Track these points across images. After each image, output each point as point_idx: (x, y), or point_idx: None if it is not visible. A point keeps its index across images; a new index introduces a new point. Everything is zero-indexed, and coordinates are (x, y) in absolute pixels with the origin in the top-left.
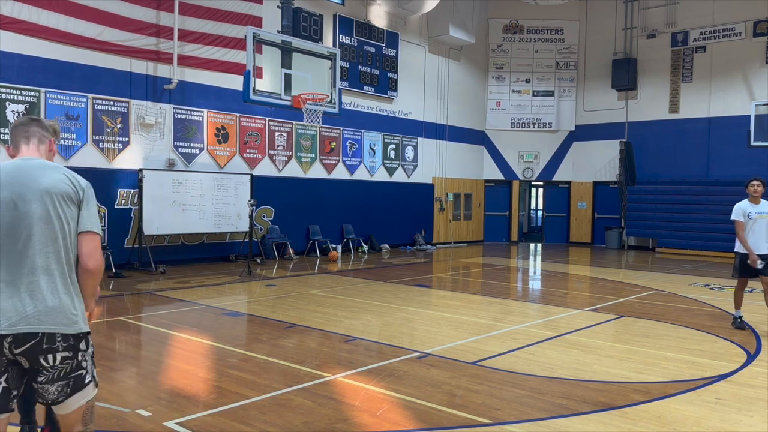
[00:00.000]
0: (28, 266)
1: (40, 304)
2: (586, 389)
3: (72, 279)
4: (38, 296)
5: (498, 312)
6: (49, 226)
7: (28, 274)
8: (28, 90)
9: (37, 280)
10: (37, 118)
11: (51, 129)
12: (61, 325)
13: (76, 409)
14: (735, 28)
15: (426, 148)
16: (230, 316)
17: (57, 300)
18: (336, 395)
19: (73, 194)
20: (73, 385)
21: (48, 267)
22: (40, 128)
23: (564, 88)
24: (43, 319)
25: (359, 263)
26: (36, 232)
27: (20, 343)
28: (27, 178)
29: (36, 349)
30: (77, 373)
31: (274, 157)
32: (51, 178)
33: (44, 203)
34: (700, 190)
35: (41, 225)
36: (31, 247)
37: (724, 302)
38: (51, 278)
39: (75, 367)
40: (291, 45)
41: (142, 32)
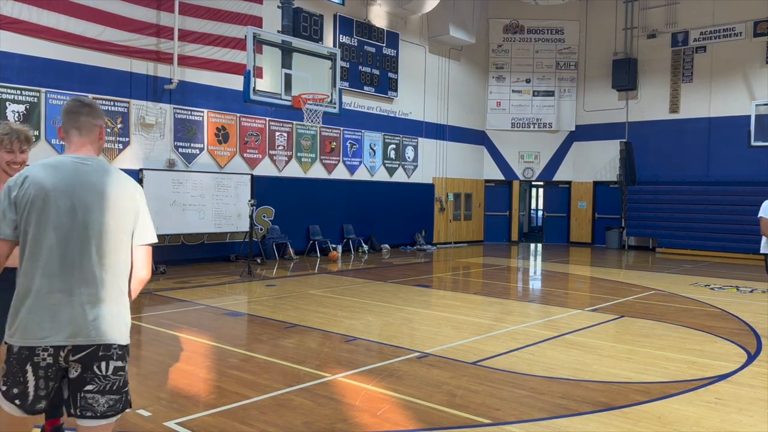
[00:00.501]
0: (87, 276)
1: (98, 315)
2: (587, 389)
3: (125, 290)
4: (96, 307)
5: (498, 312)
6: (110, 238)
7: (87, 285)
8: (29, 90)
9: (95, 292)
10: (88, 103)
11: (100, 115)
12: (117, 336)
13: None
14: (735, 28)
15: (426, 148)
16: (230, 316)
17: (113, 311)
18: (336, 395)
19: (132, 205)
20: (123, 402)
21: (105, 278)
22: (90, 116)
23: (564, 88)
24: (100, 331)
25: (359, 263)
26: (96, 243)
27: (77, 351)
28: (88, 185)
29: (93, 356)
30: (126, 389)
31: (274, 157)
32: (113, 188)
33: (106, 214)
34: (700, 190)
35: (102, 236)
36: (91, 256)
37: (724, 302)
38: (108, 289)
39: (123, 383)
40: (291, 45)
41: (142, 32)
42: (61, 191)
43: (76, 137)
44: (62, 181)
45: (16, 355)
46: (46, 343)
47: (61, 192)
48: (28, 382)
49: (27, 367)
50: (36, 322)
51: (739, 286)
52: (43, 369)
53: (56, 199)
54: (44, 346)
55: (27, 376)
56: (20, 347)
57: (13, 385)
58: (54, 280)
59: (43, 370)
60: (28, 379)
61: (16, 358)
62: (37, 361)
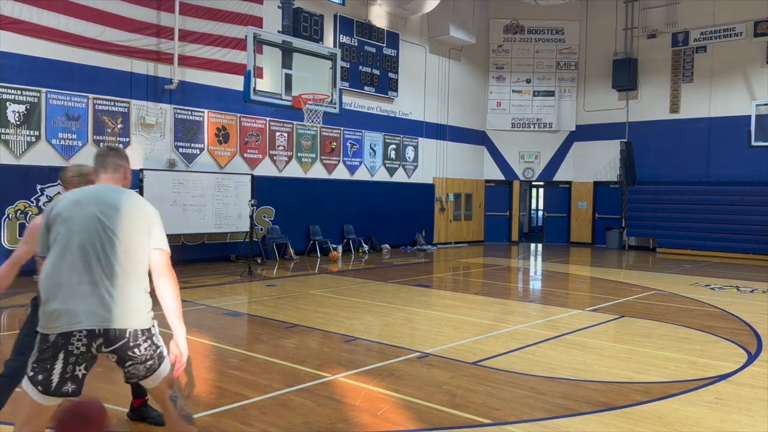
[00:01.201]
0: (112, 271)
1: (122, 303)
2: (587, 389)
3: (143, 284)
4: (120, 297)
5: (498, 312)
6: (128, 240)
7: (112, 278)
8: (29, 90)
9: (120, 283)
10: (115, 148)
11: (126, 158)
12: (140, 322)
13: (164, 378)
14: (736, 28)
15: (426, 148)
16: (231, 316)
17: (135, 300)
18: (336, 395)
19: (146, 217)
20: (158, 360)
21: (127, 272)
22: (116, 158)
23: (564, 88)
24: (125, 317)
25: (360, 263)
26: (119, 244)
27: (110, 343)
28: (110, 199)
29: (125, 347)
30: (158, 351)
31: (274, 157)
32: (128, 202)
33: (125, 222)
34: (700, 190)
35: (123, 239)
36: (115, 255)
37: (724, 302)
38: (129, 282)
39: (155, 348)
40: (291, 45)
41: (142, 32)
42: (86, 204)
43: (102, 174)
44: (86, 198)
45: (52, 343)
46: (80, 326)
47: (86, 204)
48: (54, 369)
49: (60, 354)
50: (68, 309)
51: (739, 286)
52: (74, 356)
53: (82, 209)
54: (78, 331)
55: (56, 363)
56: (57, 335)
57: (40, 371)
58: (82, 274)
59: (74, 357)
60: (55, 365)
61: (51, 346)
62: (71, 349)
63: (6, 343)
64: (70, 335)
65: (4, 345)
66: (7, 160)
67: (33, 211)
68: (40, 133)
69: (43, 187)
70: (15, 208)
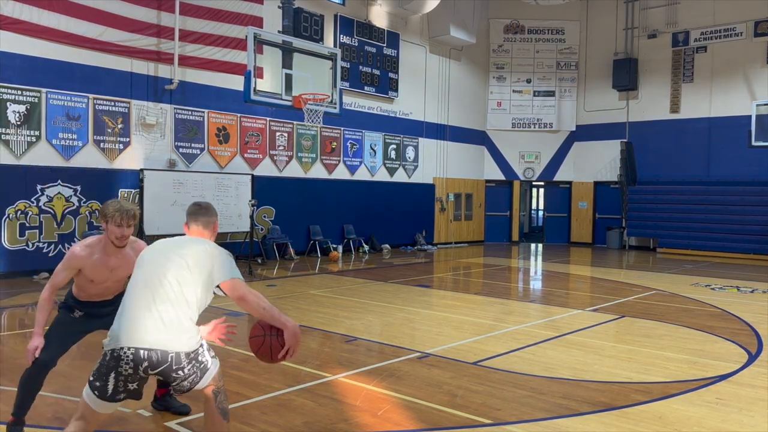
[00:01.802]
0: (163, 301)
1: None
2: (587, 389)
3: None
4: (166, 324)
5: (499, 312)
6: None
7: (162, 305)
8: (29, 90)
9: (167, 309)
10: (206, 206)
11: (214, 213)
12: (181, 346)
13: (209, 382)
14: (736, 28)
15: (427, 149)
16: (231, 316)
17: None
18: (337, 395)
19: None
20: (200, 373)
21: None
22: (207, 216)
23: (565, 88)
24: (168, 342)
25: (360, 263)
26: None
27: (155, 366)
28: (184, 242)
29: (168, 369)
30: (202, 366)
31: (274, 157)
32: (198, 245)
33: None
34: (700, 190)
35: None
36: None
37: (725, 302)
38: (176, 310)
39: (199, 365)
40: (292, 45)
41: (142, 32)
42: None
43: (194, 226)
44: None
45: (107, 362)
46: (125, 345)
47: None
48: (108, 383)
49: (112, 373)
50: (122, 331)
51: (739, 286)
52: (123, 377)
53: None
54: (125, 353)
55: (109, 378)
56: (110, 354)
57: (97, 379)
58: (140, 301)
59: (123, 377)
60: (109, 381)
61: (106, 364)
62: (120, 371)
63: (6, 343)
64: (119, 358)
65: (4, 345)
66: (8, 160)
67: (33, 211)
68: (41, 133)
69: (44, 187)
70: (15, 208)
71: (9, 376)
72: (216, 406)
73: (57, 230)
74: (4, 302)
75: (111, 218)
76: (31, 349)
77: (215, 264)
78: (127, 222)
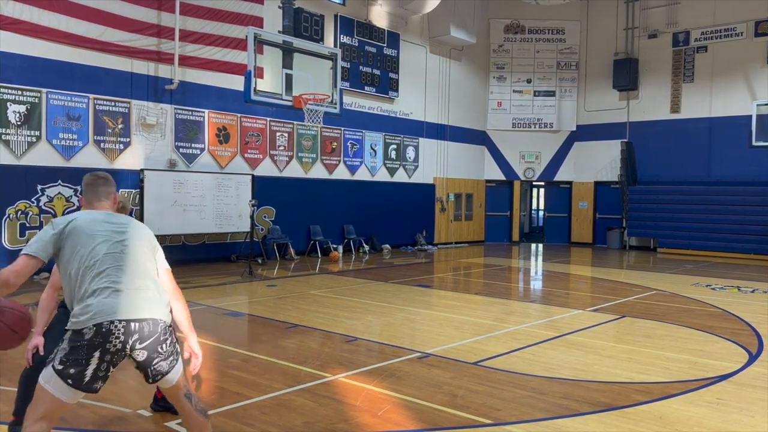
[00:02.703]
0: (135, 274)
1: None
2: (588, 390)
3: (160, 285)
4: (147, 295)
5: (499, 312)
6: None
7: (136, 280)
8: (29, 90)
9: (144, 284)
10: (103, 176)
11: (113, 184)
12: (165, 316)
13: (180, 377)
14: (736, 28)
15: (427, 149)
16: (231, 316)
17: (158, 297)
18: (337, 395)
19: (148, 237)
20: (176, 356)
21: (146, 276)
22: (106, 186)
23: (565, 88)
24: (156, 310)
25: (360, 263)
26: (136, 254)
27: (145, 338)
28: (116, 220)
29: (156, 342)
30: (176, 348)
31: (275, 157)
32: (133, 223)
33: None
34: (701, 190)
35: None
36: (135, 263)
37: (725, 302)
38: (149, 283)
39: (174, 345)
40: (292, 45)
41: (143, 33)
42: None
43: (97, 202)
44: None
45: (88, 340)
46: (118, 317)
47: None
48: (88, 367)
49: (96, 352)
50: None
51: (740, 286)
52: (110, 354)
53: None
54: (115, 326)
55: (91, 360)
56: (93, 333)
57: (71, 365)
58: (111, 278)
59: (110, 355)
60: (90, 363)
61: (87, 343)
62: (108, 347)
63: None
64: (109, 332)
65: None
66: (8, 161)
67: (33, 211)
68: (41, 134)
69: (44, 188)
70: (15, 208)
71: (9, 376)
72: (194, 409)
73: None
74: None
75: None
76: (30, 348)
77: (158, 248)
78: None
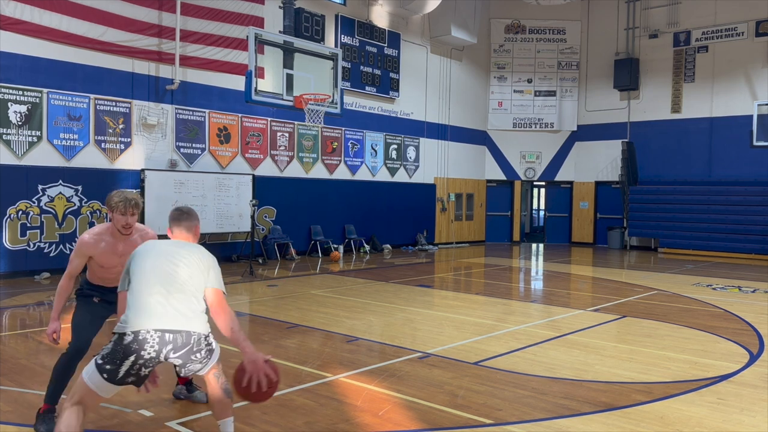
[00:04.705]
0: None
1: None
2: (588, 389)
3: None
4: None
5: (500, 312)
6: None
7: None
8: (30, 90)
9: (184, 299)
10: (186, 211)
11: (195, 218)
12: (201, 328)
13: (212, 368)
14: (737, 28)
15: (428, 149)
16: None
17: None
18: (338, 395)
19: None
20: (209, 355)
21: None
22: (189, 220)
23: (566, 88)
24: (190, 323)
25: (361, 263)
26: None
27: (178, 348)
28: (179, 247)
29: (189, 352)
30: (210, 346)
31: (276, 157)
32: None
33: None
34: (702, 190)
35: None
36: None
37: (726, 303)
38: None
39: (210, 350)
40: (293, 45)
41: (144, 33)
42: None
43: (177, 230)
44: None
45: (126, 345)
46: (153, 327)
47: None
48: (122, 367)
49: (131, 357)
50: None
51: (741, 286)
52: (143, 360)
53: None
54: (150, 335)
55: (125, 362)
56: (132, 339)
57: (109, 362)
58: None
59: (143, 361)
60: (124, 364)
61: (125, 347)
62: (142, 353)
63: (6, 343)
64: (145, 341)
65: (4, 344)
66: (9, 161)
67: (34, 211)
68: (42, 134)
69: (45, 188)
70: (16, 208)
71: (9, 375)
72: (220, 387)
73: (58, 230)
74: (5, 302)
75: (116, 208)
76: (50, 333)
77: (211, 270)
78: (131, 210)
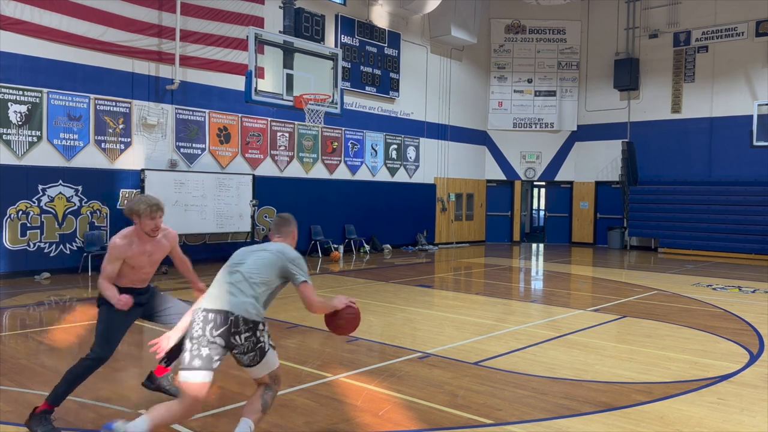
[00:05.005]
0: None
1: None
2: (589, 390)
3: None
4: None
5: (500, 312)
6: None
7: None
8: (31, 90)
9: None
10: (285, 218)
11: (292, 223)
12: (244, 313)
13: (268, 373)
14: (737, 28)
15: (428, 149)
16: None
17: (247, 298)
18: (338, 395)
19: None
20: (259, 354)
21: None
22: (285, 226)
23: (566, 88)
24: (234, 306)
25: (361, 263)
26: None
27: (218, 327)
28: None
29: (227, 332)
30: (259, 345)
31: (276, 157)
32: (273, 245)
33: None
34: (702, 191)
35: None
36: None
37: (726, 303)
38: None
39: (256, 344)
40: (293, 45)
41: (144, 33)
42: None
43: (275, 236)
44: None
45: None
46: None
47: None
48: (185, 350)
49: (185, 340)
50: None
51: (741, 286)
52: (195, 339)
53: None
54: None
55: (185, 342)
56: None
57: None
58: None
59: (195, 339)
60: (184, 346)
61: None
62: (191, 332)
63: (6, 343)
64: (192, 321)
65: (4, 344)
66: (9, 161)
67: (35, 211)
68: (42, 134)
69: (45, 188)
70: (17, 208)
71: (9, 375)
72: (261, 395)
73: (58, 230)
74: (5, 302)
75: (144, 214)
76: (124, 300)
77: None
78: (159, 214)
